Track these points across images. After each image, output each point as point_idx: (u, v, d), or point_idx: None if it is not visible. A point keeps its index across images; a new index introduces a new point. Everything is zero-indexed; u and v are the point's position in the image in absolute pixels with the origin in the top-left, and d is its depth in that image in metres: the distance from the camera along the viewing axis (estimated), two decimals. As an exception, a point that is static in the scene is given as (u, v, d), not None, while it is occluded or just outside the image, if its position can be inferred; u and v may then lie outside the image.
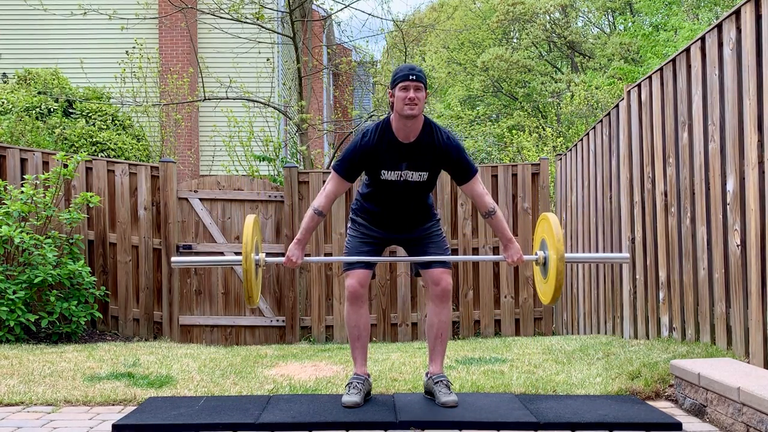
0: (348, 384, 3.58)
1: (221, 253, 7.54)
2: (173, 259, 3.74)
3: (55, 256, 6.16)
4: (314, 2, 12.58)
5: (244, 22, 10.30)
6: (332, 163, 3.47)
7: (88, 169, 7.32)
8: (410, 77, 3.32)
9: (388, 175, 3.45)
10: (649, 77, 5.19)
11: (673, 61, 4.81)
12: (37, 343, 5.94)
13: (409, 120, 3.36)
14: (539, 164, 7.78)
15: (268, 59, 11.54)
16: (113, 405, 3.64)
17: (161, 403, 3.58)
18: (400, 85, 3.33)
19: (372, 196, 3.57)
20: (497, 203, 7.67)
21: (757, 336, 3.66)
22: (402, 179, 3.46)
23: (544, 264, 3.54)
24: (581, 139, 7.10)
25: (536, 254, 3.58)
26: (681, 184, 4.66)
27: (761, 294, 3.65)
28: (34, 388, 3.86)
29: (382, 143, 3.41)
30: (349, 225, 3.73)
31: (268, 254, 7.63)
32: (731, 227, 3.98)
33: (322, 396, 3.72)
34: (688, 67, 4.59)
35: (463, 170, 3.48)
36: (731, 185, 3.99)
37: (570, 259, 3.76)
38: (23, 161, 7.07)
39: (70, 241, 6.58)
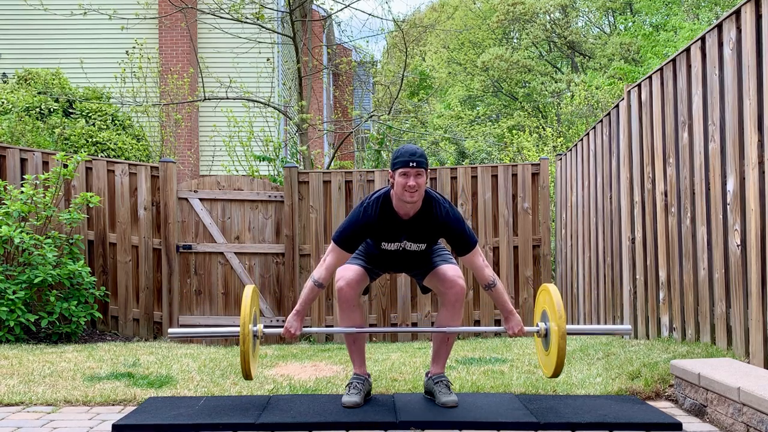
0: (348, 384, 3.58)
1: (221, 254, 7.54)
2: (170, 330, 3.68)
3: (55, 256, 6.16)
4: (314, 2, 12.58)
5: (245, 22, 10.31)
6: (333, 234, 3.46)
7: (88, 169, 7.32)
8: (410, 164, 3.29)
9: (388, 246, 3.49)
10: (649, 77, 5.19)
11: (673, 61, 4.80)
12: (37, 343, 5.94)
13: (409, 203, 3.37)
14: (539, 164, 7.78)
15: (268, 59, 11.55)
16: (113, 405, 3.63)
17: (161, 403, 3.58)
18: (399, 171, 3.30)
19: (374, 249, 3.60)
20: (497, 203, 7.69)
21: (757, 336, 3.66)
22: (401, 249, 3.50)
23: (546, 336, 3.52)
24: (581, 139, 7.10)
25: (537, 326, 3.56)
26: (681, 184, 4.66)
27: (761, 294, 3.65)
28: (34, 388, 3.86)
29: (382, 219, 3.41)
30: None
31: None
32: (731, 227, 3.98)
33: (322, 396, 3.72)
34: (688, 67, 4.59)
35: (461, 243, 3.45)
36: (731, 185, 3.98)
37: (571, 331, 3.66)
38: (23, 161, 7.07)
39: (70, 241, 6.58)
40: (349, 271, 3.50)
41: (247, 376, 3.40)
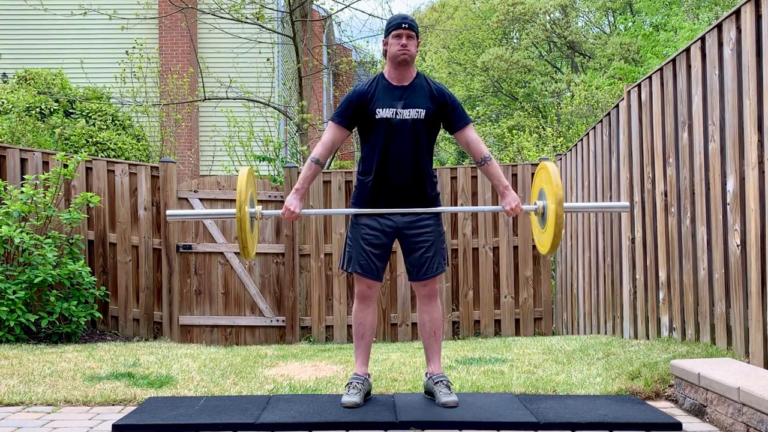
0: (348, 384, 3.58)
1: (221, 254, 7.55)
2: (168, 212, 3.76)
3: (55, 256, 6.16)
4: (314, 2, 12.58)
5: (245, 22, 10.31)
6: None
7: (88, 169, 7.32)
8: (403, 26, 3.47)
9: (384, 113, 3.49)
10: (649, 77, 5.19)
11: (673, 61, 4.81)
12: (37, 343, 5.94)
13: (402, 66, 3.49)
14: (539, 164, 7.77)
15: (268, 59, 11.55)
16: (113, 405, 3.63)
17: (161, 403, 3.58)
18: (393, 33, 3.48)
19: (370, 155, 3.54)
20: (497, 203, 7.69)
21: (757, 336, 3.66)
22: (398, 117, 3.48)
23: (543, 214, 3.52)
24: (581, 139, 7.10)
25: (535, 204, 3.61)
26: (681, 184, 4.66)
27: (761, 294, 3.65)
28: (34, 388, 3.86)
29: (376, 87, 3.54)
30: (348, 228, 3.68)
31: (263, 255, 7.65)
32: (731, 227, 3.98)
33: (322, 396, 3.72)
34: (688, 67, 4.59)
35: (458, 114, 3.57)
36: (731, 185, 3.99)
37: (569, 209, 3.68)
38: (23, 161, 7.07)
39: (70, 241, 6.58)
40: (367, 277, 3.57)
41: (246, 250, 3.45)
